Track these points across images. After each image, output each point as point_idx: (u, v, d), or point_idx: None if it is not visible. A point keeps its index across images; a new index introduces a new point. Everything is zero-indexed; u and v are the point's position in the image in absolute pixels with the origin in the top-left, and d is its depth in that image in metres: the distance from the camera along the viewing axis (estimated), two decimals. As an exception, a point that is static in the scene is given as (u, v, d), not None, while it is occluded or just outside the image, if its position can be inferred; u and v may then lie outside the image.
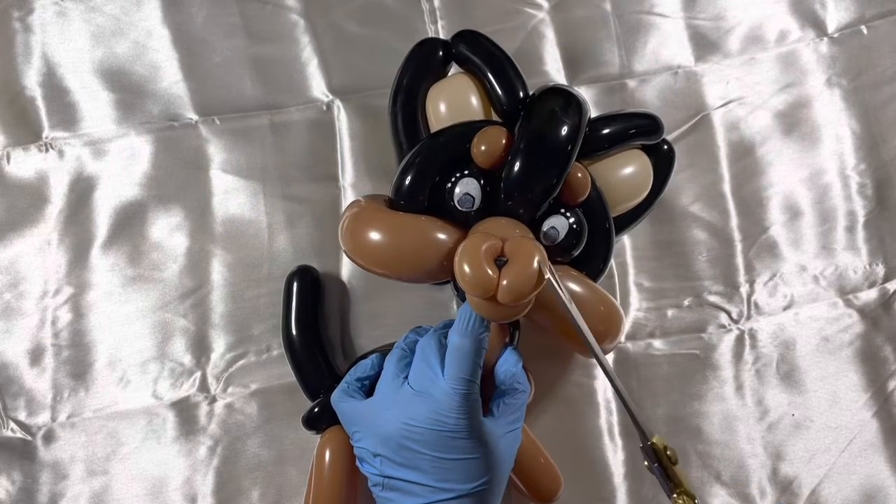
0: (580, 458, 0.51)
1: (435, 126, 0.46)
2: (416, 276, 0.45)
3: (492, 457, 0.41)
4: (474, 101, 0.46)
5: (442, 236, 0.44)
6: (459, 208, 0.43)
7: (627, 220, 0.49)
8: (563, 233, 0.44)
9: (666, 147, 0.49)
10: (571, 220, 0.44)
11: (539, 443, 0.48)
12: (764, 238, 0.54)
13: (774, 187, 0.55)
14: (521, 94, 0.45)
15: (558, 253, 0.45)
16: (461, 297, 0.44)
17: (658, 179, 0.49)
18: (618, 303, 0.47)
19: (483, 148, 0.43)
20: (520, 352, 0.46)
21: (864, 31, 0.56)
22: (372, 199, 0.46)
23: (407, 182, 0.44)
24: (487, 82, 0.45)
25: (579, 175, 0.44)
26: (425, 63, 0.47)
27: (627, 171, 0.47)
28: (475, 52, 0.46)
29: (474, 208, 0.43)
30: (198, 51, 0.54)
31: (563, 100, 0.44)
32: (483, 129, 0.44)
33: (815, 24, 0.56)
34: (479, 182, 0.43)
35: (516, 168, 0.42)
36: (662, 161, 0.49)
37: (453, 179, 0.44)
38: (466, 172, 0.44)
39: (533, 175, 0.43)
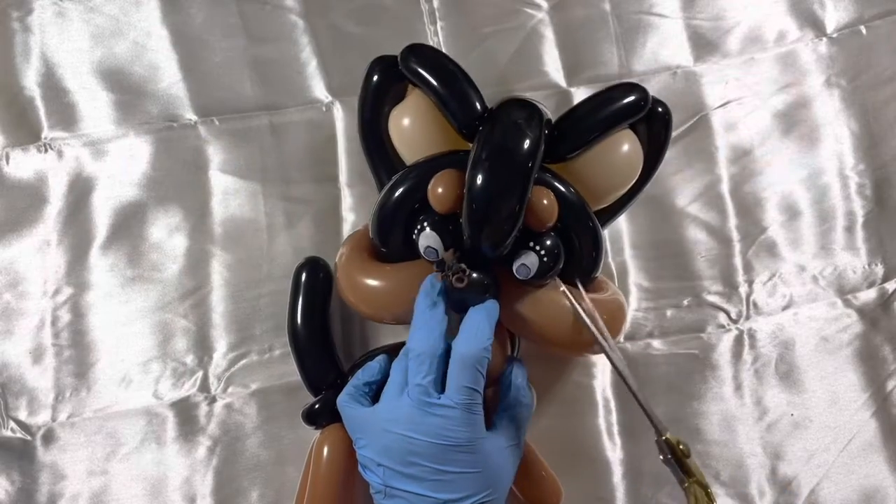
0: (579, 458, 0.51)
1: (404, 153, 0.46)
2: None
3: (493, 471, 0.41)
4: (434, 117, 0.44)
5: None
6: (427, 259, 0.43)
7: (627, 197, 0.47)
8: (534, 269, 0.42)
9: (661, 109, 0.45)
10: (542, 252, 0.42)
11: (539, 455, 0.48)
12: (763, 238, 0.54)
13: (773, 187, 0.55)
14: (478, 107, 0.43)
15: (538, 278, 0.43)
16: (458, 309, 0.43)
17: (656, 144, 0.46)
18: (622, 296, 0.47)
19: (440, 191, 0.42)
20: (524, 366, 0.46)
21: (864, 31, 0.56)
22: (358, 242, 0.46)
23: (377, 234, 0.44)
24: (436, 99, 0.43)
25: (545, 202, 0.41)
26: (380, 89, 0.45)
27: (614, 158, 0.44)
28: (423, 68, 0.43)
29: (439, 258, 0.42)
30: (197, 51, 0.54)
31: (523, 111, 0.41)
32: (436, 175, 0.42)
33: (814, 24, 0.56)
34: (437, 232, 0.42)
35: (479, 180, 0.40)
36: (658, 124, 0.45)
37: (416, 231, 0.43)
38: (426, 224, 0.42)
39: (496, 184, 0.40)
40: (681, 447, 0.40)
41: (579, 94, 0.55)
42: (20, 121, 0.53)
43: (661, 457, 0.41)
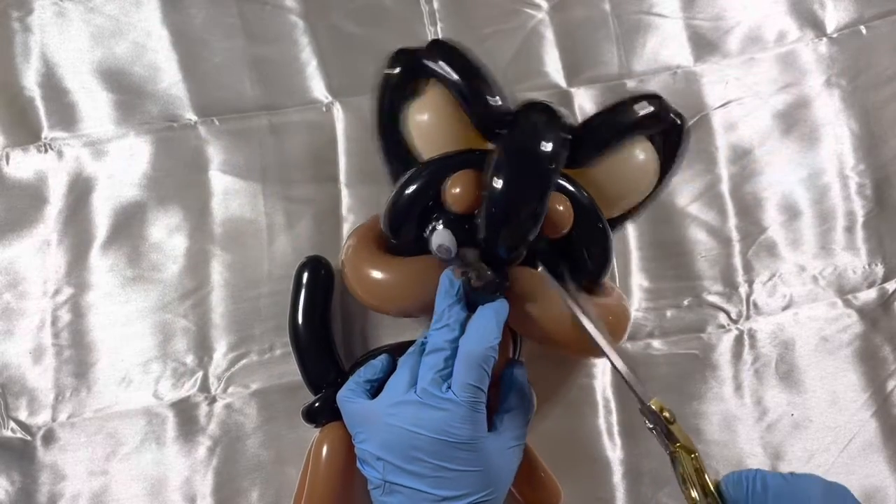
0: (579, 458, 0.51)
1: (420, 148, 0.45)
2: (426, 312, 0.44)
3: (493, 471, 0.41)
4: (454, 113, 0.44)
5: (435, 275, 0.43)
6: (439, 256, 0.43)
7: (638, 207, 0.47)
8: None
9: (679, 121, 0.45)
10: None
11: (539, 457, 0.48)
12: (763, 238, 0.54)
13: (773, 187, 0.55)
14: (500, 107, 0.43)
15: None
16: (469, 307, 0.43)
17: (671, 155, 0.46)
18: (626, 301, 0.47)
19: (457, 191, 0.42)
20: (525, 367, 0.46)
21: (864, 31, 0.56)
22: (365, 234, 0.46)
23: (389, 228, 0.44)
24: (458, 95, 0.43)
25: (560, 208, 0.42)
26: (401, 81, 0.45)
27: (629, 167, 0.45)
28: (447, 63, 0.43)
29: (452, 256, 0.42)
30: (197, 51, 0.54)
31: (545, 115, 0.42)
32: (454, 175, 0.42)
33: (814, 24, 0.57)
34: (451, 230, 0.42)
35: (500, 184, 0.40)
36: (674, 135, 0.45)
37: (428, 230, 0.43)
38: (440, 223, 0.43)
39: (518, 188, 0.40)
40: (665, 414, 0.40)
41: (579, 95, 0.55)
42: (20, 121, 0.53)
43: (648, 425, 0.41)
